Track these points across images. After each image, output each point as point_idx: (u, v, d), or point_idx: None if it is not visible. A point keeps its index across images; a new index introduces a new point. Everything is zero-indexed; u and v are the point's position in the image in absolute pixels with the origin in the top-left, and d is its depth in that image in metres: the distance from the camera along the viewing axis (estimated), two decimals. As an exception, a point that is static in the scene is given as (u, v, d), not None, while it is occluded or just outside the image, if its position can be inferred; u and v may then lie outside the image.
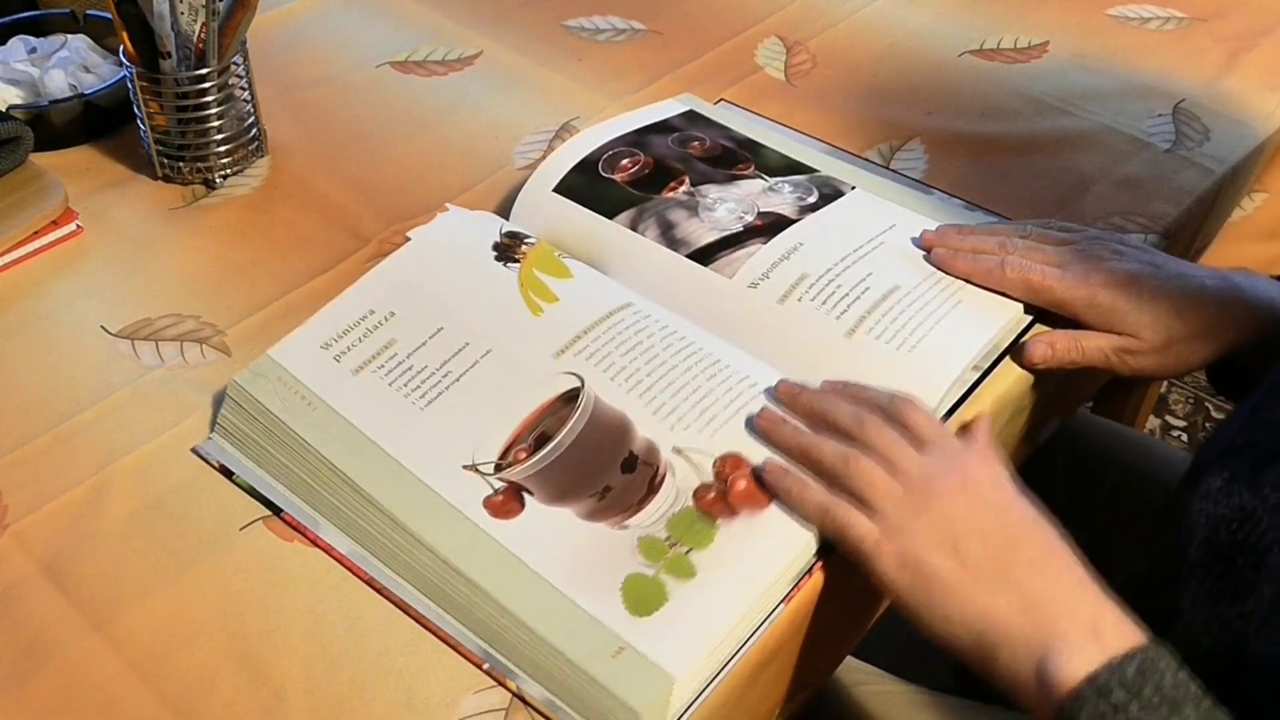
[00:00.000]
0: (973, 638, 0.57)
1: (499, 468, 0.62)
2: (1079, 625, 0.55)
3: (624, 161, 0.79)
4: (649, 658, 0.55)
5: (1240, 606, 0.54)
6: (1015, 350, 0.72)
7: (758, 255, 0.72)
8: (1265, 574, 0.55)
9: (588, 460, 0.62)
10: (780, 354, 0.68)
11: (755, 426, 0.64)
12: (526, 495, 0.61)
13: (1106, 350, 0.72)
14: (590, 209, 0.76)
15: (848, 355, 0.68)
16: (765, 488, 0.61)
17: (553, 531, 0.60)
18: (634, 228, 0.75)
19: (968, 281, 0.73)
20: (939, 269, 0.73)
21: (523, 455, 0.62)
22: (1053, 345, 0.71)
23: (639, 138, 0.82)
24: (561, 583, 0.58)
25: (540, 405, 0.64)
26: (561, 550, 0.59)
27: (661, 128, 0.83)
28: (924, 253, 0.75)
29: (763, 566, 0.59)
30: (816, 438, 0.62)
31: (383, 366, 0.67)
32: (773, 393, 0.65)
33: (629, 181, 0.78)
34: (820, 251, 0.73)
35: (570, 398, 0.64)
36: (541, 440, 0.63)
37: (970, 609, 0.57)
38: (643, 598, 0.57)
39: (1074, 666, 0.53)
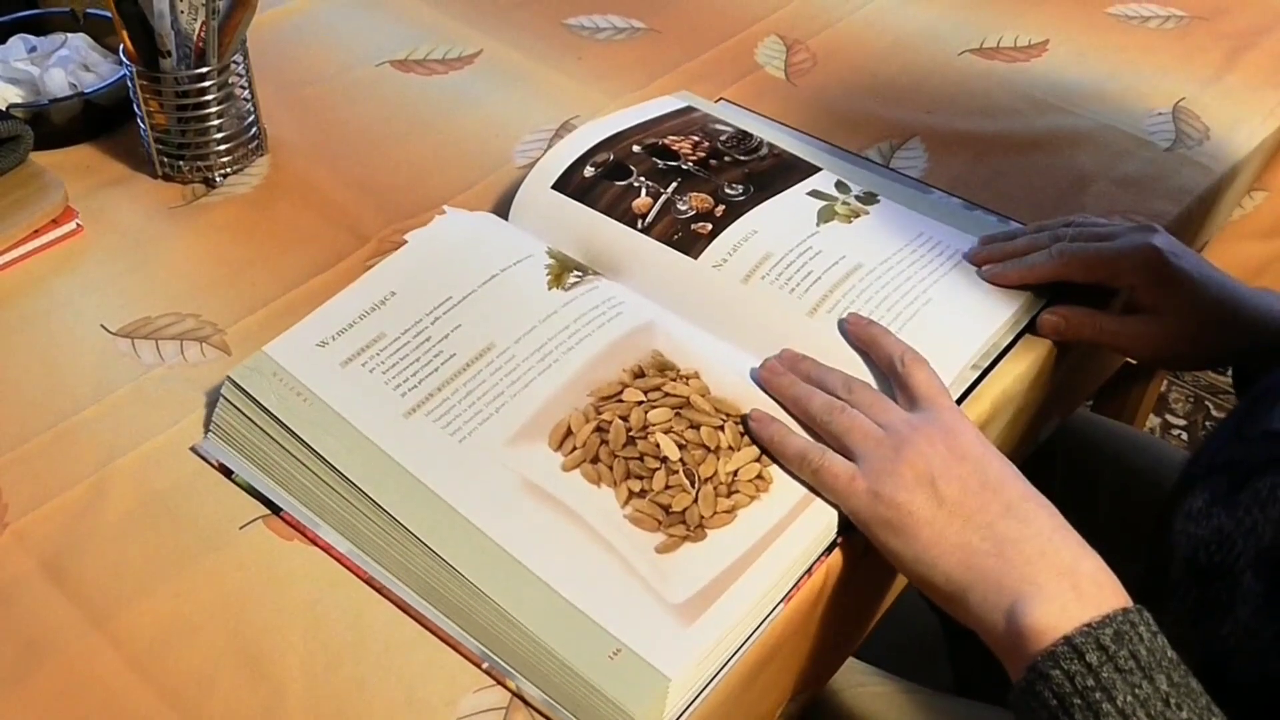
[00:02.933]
0: (944, 576, 0.57)
1: None
2: (1054, 572, 0.55)
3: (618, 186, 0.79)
4: (646, 659, 0.55)
5: (1218, 629, 0.54)
6: (1029, 325, 0.73)
7: (719, 238, 0.73)
8: (1240, 596, 0.55)
9: None
10: (747, 333, 0.69)
11: (756, 376, 0.66)
12: None
13: (1121, 331, 0.73)
14: (586, 204, 0.76)
15: (815, 335, 0.69)
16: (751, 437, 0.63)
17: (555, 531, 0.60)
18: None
19: (1022, 288, 0.73)
20: (993, 283, 0.73)
21: None
22: (1068, 318, 0.72)
23: (633, 141, 0.81)
24: (564, 587, 0.58)
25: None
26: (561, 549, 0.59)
27: (657, 130, 0.83)
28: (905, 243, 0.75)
29: (765, 567, 0.59)
30: (809, 389, 0.64)
31: (375, 357, 0.67)
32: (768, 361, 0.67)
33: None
34: (781, 234, 0.74)
35: None
36: None
37: (943, 544, 0.57)
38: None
39: (1047, 615, 0.53)
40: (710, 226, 0.74)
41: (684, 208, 0.76)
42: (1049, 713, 0.52)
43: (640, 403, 0.64)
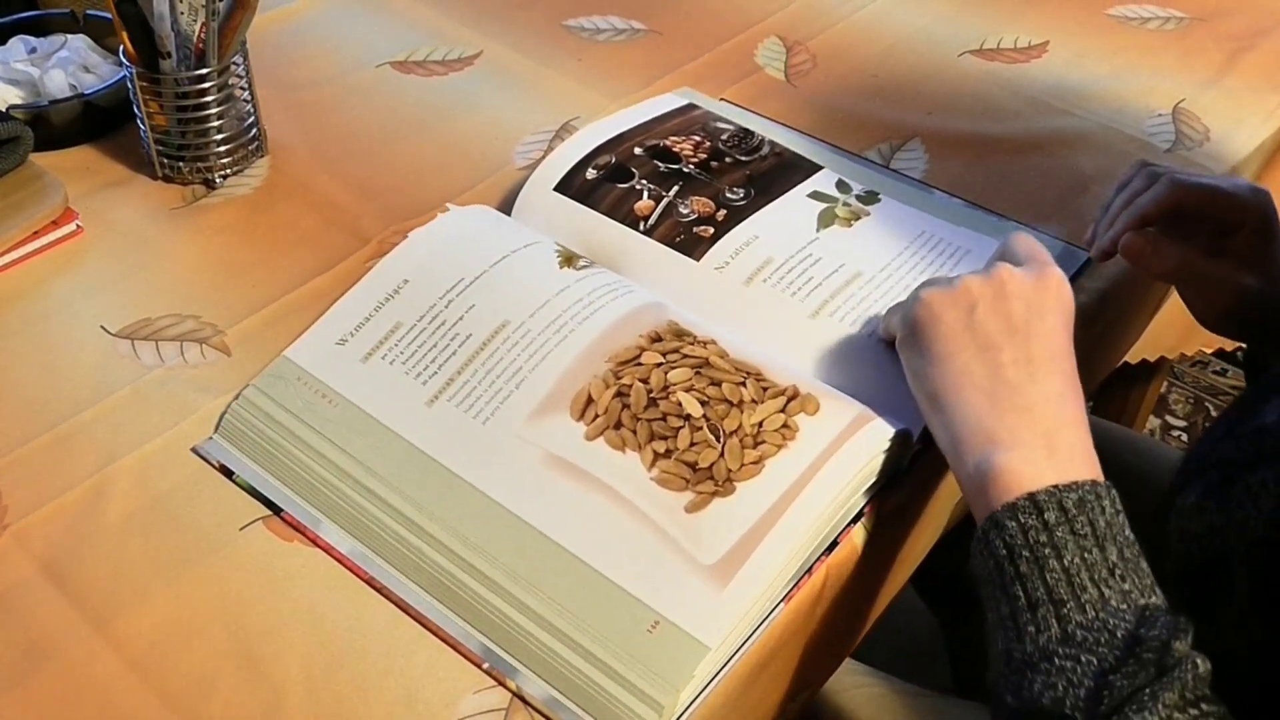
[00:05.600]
0: (932, 391, 0.59)
1: None
2: (1035, 429, 0.56)
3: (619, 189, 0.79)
4: (686, 630, 0.55)
5: (1209, 625, 0.54)
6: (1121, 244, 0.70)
7: (720, 243, 0.74)
8: (1233, 590, 0.55)
9: None
10: (750, 333, 0.69)
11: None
12: None
13: (1206, 272, 0.71)
14: (588, 206, 0.76)
15: (818, 336, 0.69)
16: None
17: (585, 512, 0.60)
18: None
19: (1137, 240, 0.70)
20: (1125, 254, 0.70)
21: None
22: (1155, 243, 0.69)
23: (635, 144, 0.81)
24: (598, 562, 0.58)
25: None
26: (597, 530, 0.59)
27: (659, 132, 0.83)
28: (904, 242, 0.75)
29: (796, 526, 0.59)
30: None
31: (394, 348, 0.67)
32: None
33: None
34: (782, 239, 0.74)
35: None
36: None
37: (947, 363, 0.59)
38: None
39: (1014, 466, 0.54)
40: (712, 230, 0.74)
41: (686, 211, 0.76)
42: (996, 561, 0.53)
43: (659, 364, 0.64)
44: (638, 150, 0.80)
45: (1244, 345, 0.77)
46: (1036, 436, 0.56)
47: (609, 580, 0.57)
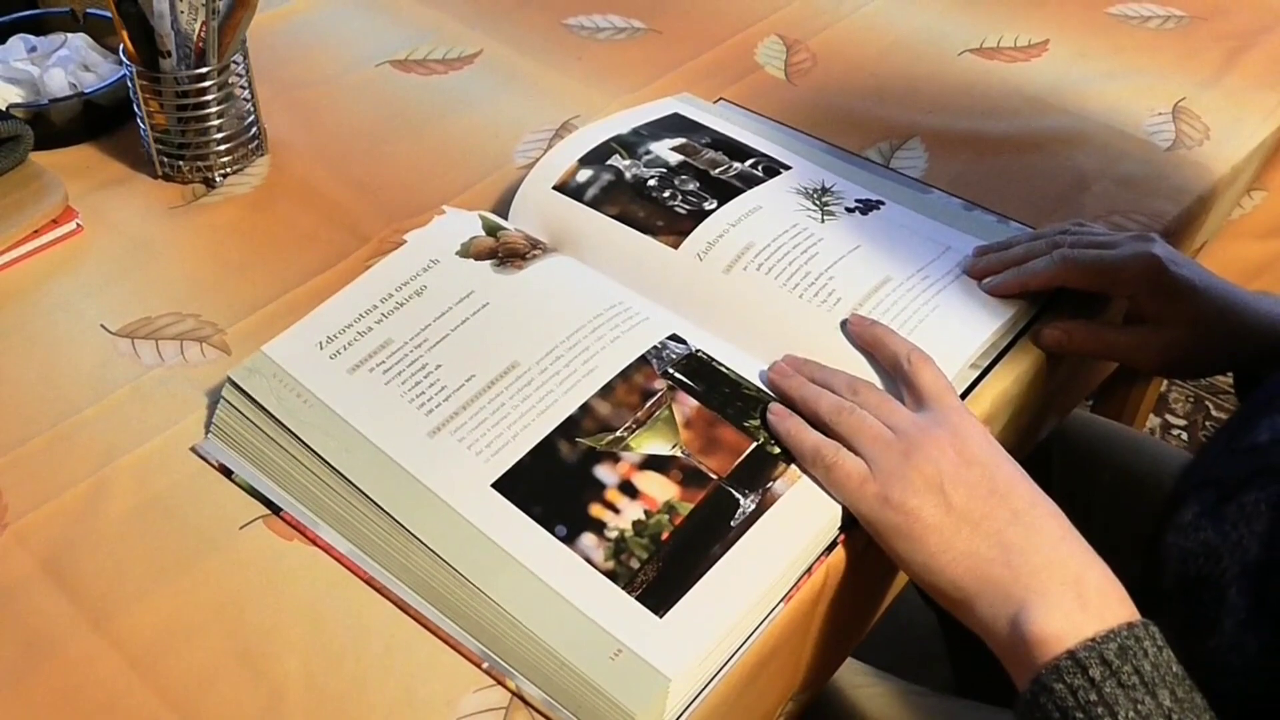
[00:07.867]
0: (950, 582, 0.57)
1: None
2: (1060, 581, 0.55)
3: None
4: (647, 660, 0.55)
5: (1205, 642, 0.54)
6: (1030, 334, 0.72)
7: (706, 226, 0.74)
8: (1225, 610, 0.55)
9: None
10: (751, 329, 0.69)
11: (765, 378, 0.66)
12: None
13: (1124, 342, 0.73)
14: (586, 205, 0.76)
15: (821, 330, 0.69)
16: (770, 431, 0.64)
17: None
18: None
19: (1022, 296, 0.72)
20: (994, 294, 0.72)
21: None
22: (1069, 332, 0.72)
23: (632, 146, 0.82)
24: (560, 585, 0.57)
25: None
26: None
27: (657, 134, 0.83)
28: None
29: (765, 567, 0.59)
30: (817, 390, 0.64)
31: (381, 364, 0.66)
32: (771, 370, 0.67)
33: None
34: (771, 228, 0.75)
35: None
36: None
37: (951, 551, 0.57)
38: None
39: (1051, 625, 0.53)
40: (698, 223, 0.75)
41: (677, 205, 0.76)
42: None
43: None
44: (635, 149, 0.80)
45: None
46: (1065, 588, 0.54)
47: (571, 604, 0.57)
